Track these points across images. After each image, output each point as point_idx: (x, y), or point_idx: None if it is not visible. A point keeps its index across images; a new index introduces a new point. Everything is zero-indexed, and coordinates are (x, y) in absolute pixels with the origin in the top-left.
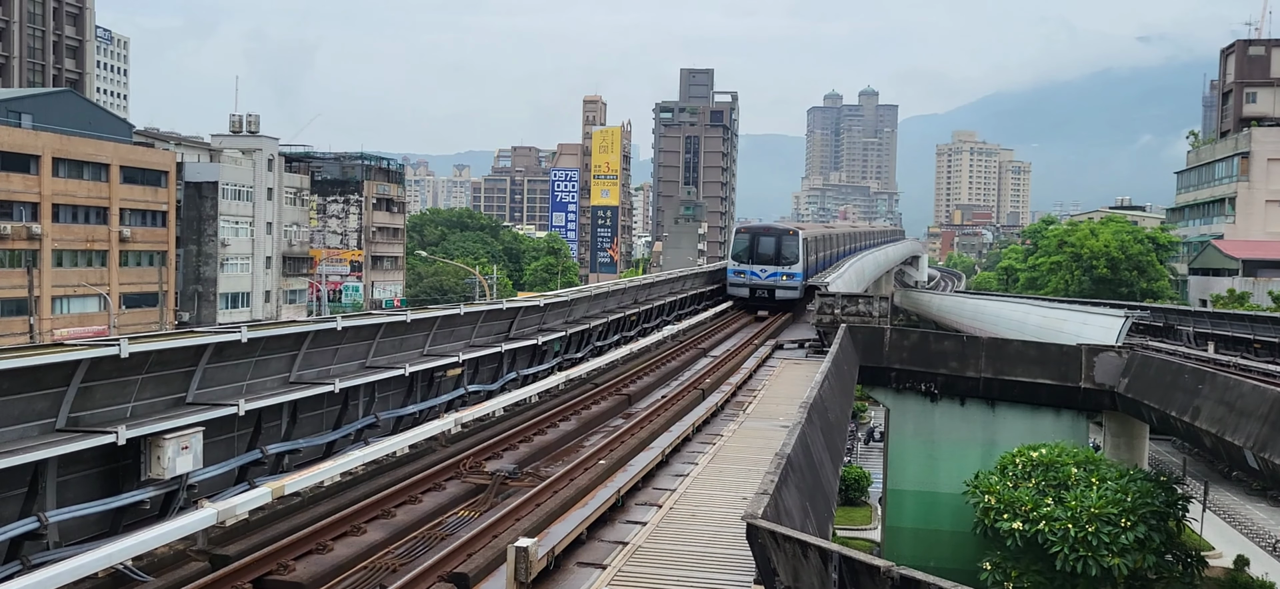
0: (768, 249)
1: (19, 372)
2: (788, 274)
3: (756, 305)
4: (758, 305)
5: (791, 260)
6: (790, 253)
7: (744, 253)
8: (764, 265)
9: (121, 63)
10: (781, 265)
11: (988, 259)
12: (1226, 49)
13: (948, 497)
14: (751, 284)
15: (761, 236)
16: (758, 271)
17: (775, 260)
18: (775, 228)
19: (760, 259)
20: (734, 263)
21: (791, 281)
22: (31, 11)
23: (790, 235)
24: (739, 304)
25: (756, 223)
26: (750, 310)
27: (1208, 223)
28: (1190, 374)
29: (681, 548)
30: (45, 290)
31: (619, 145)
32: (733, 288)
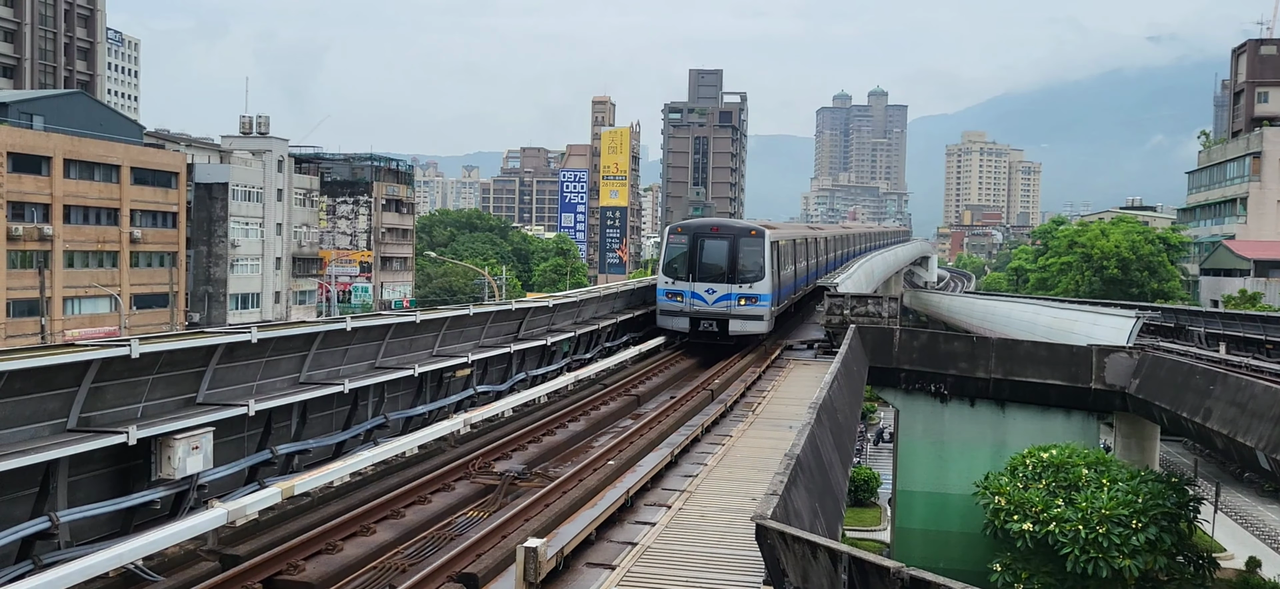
0: (716, 258)
1: (30, 372)
2: (747, 296)
3: (701, 342)
4: (703, 342)
5: (752, 275)
6: (751, 264)
7: (681, 263)
8: (711, 282)
9: (132, 64)
10: (738, 282)
11: (997, 259)
12: (1238, 48)
13: (957, 498)
14: (693, 311)
15: (706, 239)
16: (701, 293)
17: (728, 275)
18: (728, 226)
19: (705, 273)
20: (666, 279)
21: (754, 307)
22: (43, 14)
23: (751, 238)
24: (674, 340)
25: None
26: (699, 350)
27: (1219, 223)
28: (1202, 375)
29: (691, 549)
30: (56, 291)
31: (628, 146)
32: (665, 316)
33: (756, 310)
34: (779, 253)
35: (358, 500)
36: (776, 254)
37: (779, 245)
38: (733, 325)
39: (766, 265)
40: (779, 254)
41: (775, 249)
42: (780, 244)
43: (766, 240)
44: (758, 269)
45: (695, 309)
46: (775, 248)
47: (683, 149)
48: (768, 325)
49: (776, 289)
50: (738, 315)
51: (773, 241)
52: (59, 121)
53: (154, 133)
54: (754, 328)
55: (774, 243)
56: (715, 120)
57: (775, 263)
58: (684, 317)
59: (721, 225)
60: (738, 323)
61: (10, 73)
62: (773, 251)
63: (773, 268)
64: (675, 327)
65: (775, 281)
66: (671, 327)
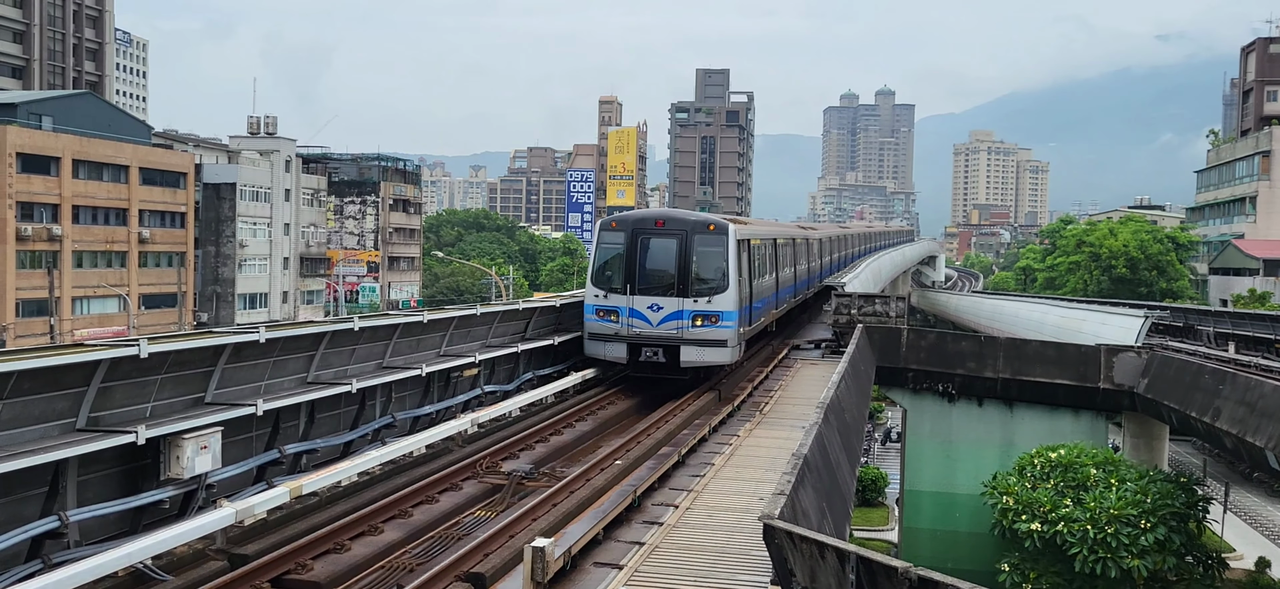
0: (662, 262)
1: (40, 372)
2: (705, 314)
3: (645, 377)
4: (647, 376)
5: (712, 284)
6: (709, 269)
7: (616, 270)
8: (656, 295)
9: (140, 65)
10: (691, 295)
11: (1005, 259)
12: (1247, 47)
13: (965, 497)
14: (631, 335)
15: (648, 237)
16: (643, 310)
17: (679, 286)
18: (678, 219)
19: (648, 283)
20: (597, 291)
21: (713, 329)
22: (51, 14)
23: (709, 235)
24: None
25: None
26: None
27: (1228, 222)
28: (1211, 374)
29: (698, 548)
30: (65, 291)
31: (635, 146)
32: (595, 341)
33: (717, 333)
34: (750, 255)
35: (366, 500)
36: (746, 257)
37: (750, 246)
38: (686, 353)
39: (731, 271)
40: (750, 257)
41: (744, 250)
42: (752, 244)
43: (731, 238)
44: (719, 276)
45: (635, 332)
46: (744, 249)
47: (690, 148)
48: (733, 353)
49: (746, 304)
50: (692, 340)
51: (740, 240)
52: (68, 122)
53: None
54: (714, 356)
55: (742, 242)
56: (722, 120)
57: (744, 268)
58: (620, 342)
59: (669, 218)
60: (692, 350)
61: (19, 74)
62: (740, 253)
63: (740, 275)
64: (609, 355)
65: (744, 293)
66: (603, 355)
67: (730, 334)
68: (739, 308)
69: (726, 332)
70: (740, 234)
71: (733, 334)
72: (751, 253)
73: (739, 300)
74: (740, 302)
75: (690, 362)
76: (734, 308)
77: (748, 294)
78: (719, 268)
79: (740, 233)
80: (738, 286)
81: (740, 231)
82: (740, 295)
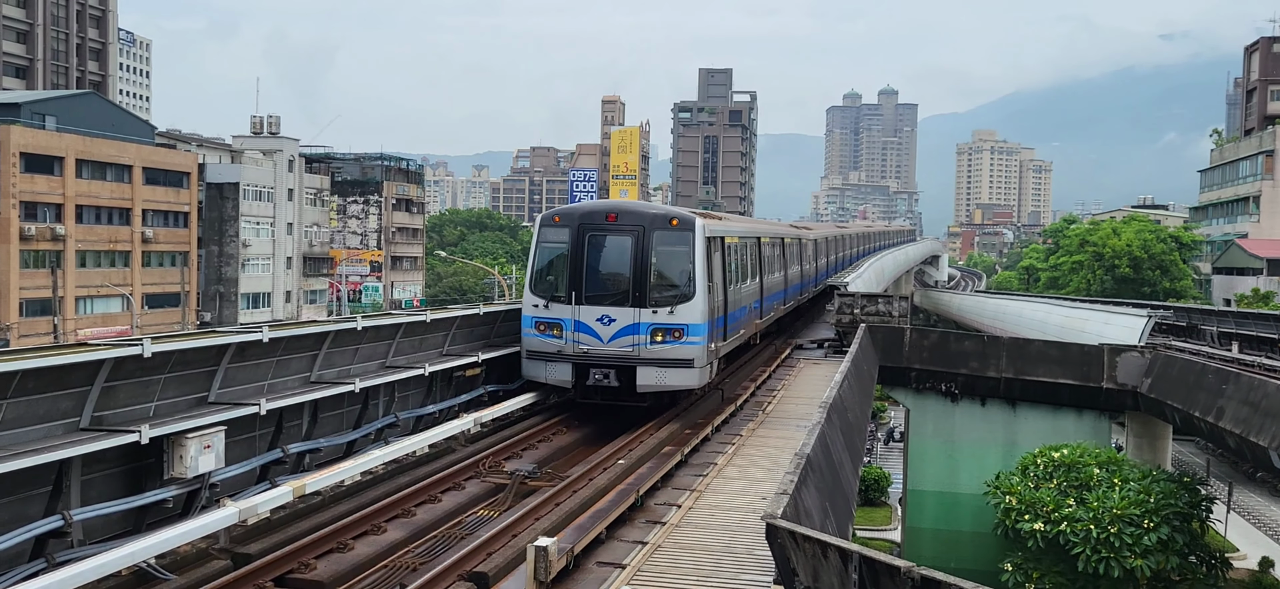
0: (614, 264)
1: (44, 371)
2: (666, 329)
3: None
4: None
5: (675, 291)
6: (672, 273)
7: (559, 274)
8: (606, 305)
9: (144, 65)
10: (650, 304)
11: (1008, 258)
12: (1250, 46)
13: (968, 497)
14: (578, 354)
15: (597, 234)
16: (591, 323)
17: (634, 293)
18: (634, 213)
19: (597, 290)
20: (536, 300)
21: (677, 345)
22: (55, 14)
23: (671, 231)
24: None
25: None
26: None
27: (1232, 221)
28: (1214, 374)
29: (701, 548)
30: (69, 291)
31: (637, 145)
32: (534, 361)
33: (681, 350)
34: (725, 257)
35: (368, 499)
36: (719, 258)
37: (725, 246)
38: (643, 376)
39: (697, 275)
40: (725, 258)
41: (716, 250)
42: (728, 244)
43: (697, 235)
44: (683, 281)
45: (581, 350)
46: (716, 249)
47: (692, 148)
48: (702, 374)
49: (718, 314)
50: (651, 359)
51: (711, 237)
52: (71, 122)
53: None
54: (677, 379)
55: (713, 240)
56: (725, 119)
57: (716, 271)
58: (564, 362)
59: (622, 211)
60: (651, 372)
61: (23, 73)
62: (711, 254)
63: (710, 280)
64: (550, 378)
65: (716, 301)
66: (544, 377)
67: (697, 351)
68: (709, 319)
69: (692, 348)
70: (711, 231)
71: (700, 351)
72: (727, 254)
73: (709, 310)
74: (711, 312)
75: (649, 385)
76: (702, 319)
77: (721, 302)
78: (684, 271)
79: (711, 229)
80: (707, 294)
81: (711, 228)
82: (711, 304)
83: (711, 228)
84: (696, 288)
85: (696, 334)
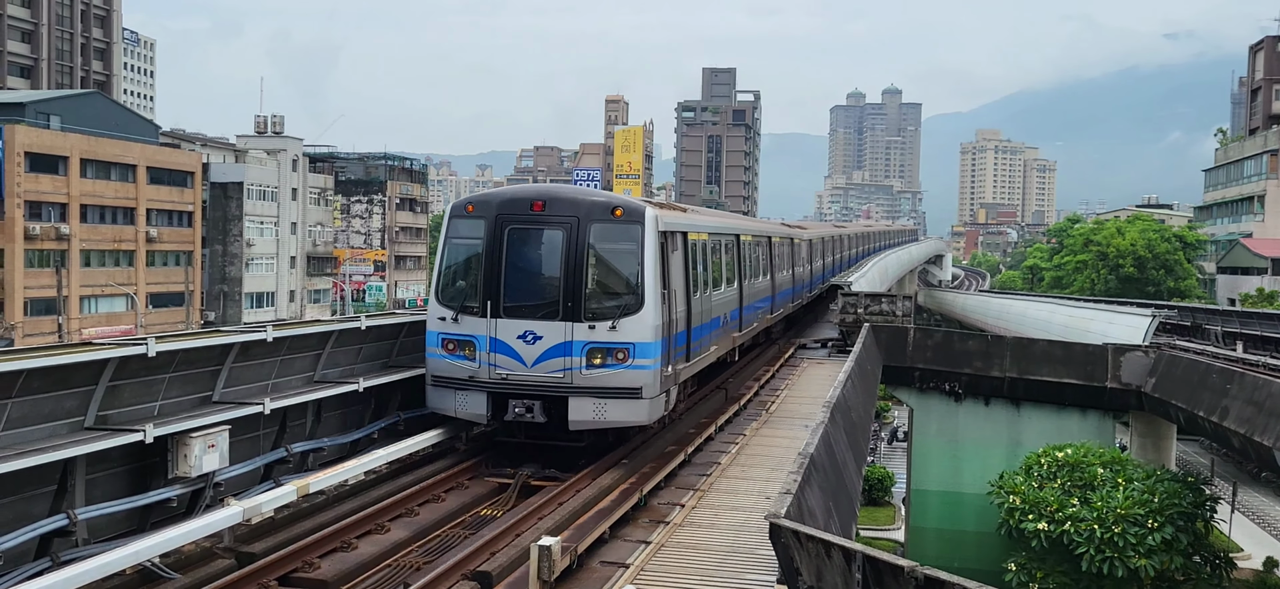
0: (539, 265)
1: (48, 370)
2: (606, 348)
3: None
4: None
5: (620, 301)
6: (616, 276)
7: (472, 278)
8: (530, 318)
9: (148, 65)
10: (585, 316)
11: (1012, 258)
12: (1255, 45)
13: (972, 497)
14: (495, 380)
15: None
16: (510, 341)
17: (566, 303)
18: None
19: (518, 299)
20: (445, 312)
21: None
22: (59, 14)
23: (614, 222)
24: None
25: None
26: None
27: (1236, 221)
28: (1218, 373)
29: (704, 547)
30: (73, 290)
31: (641, 144)
32: (440, 388)
33: (626, 376)
34: (689, 258)
35: (372, 498)
36: (681, 259)
37: (688, 244)
38: (577, 408)
39: (648, 280)
40: (689, 260)
41: (676, 249)
42: (692, 242)
43: (648, 230)
44: (629, 288)
45: (499, 374)
46: (676, 247)
47: (696, 147)
48: (656, 407)
49: (679, 328)
50: (587, 387)
51: (667, 232)
52: (76, 121)
53: (170, 132)
54: (621, 412)
55: (670, 235)
56: (729, 118)
57: (676, 276)
58: (477, 391)
59: (552, 198)
60: (587, 404)
61: (27, 73)
62: (667, 253)
63: (666, 286)
64: (462, 410)
65: (674, 313)
66: (454, 409)
67: (646, 377)
68: (664, 336)
69: (640, 373)
70: (668, 224)
71: (651, 377)
72: (693, 254)
73: (665, 324)
74: (667, 326)
75: (583, 421)
76: (653, 336)
77: (682, 314)
78: (630, 275)
79: (668, 222)
80: (661, 303)
81: (668, 220)
82: (667, 316)
83: (669, 220)
84: (646, 296)
85: (646, 355)
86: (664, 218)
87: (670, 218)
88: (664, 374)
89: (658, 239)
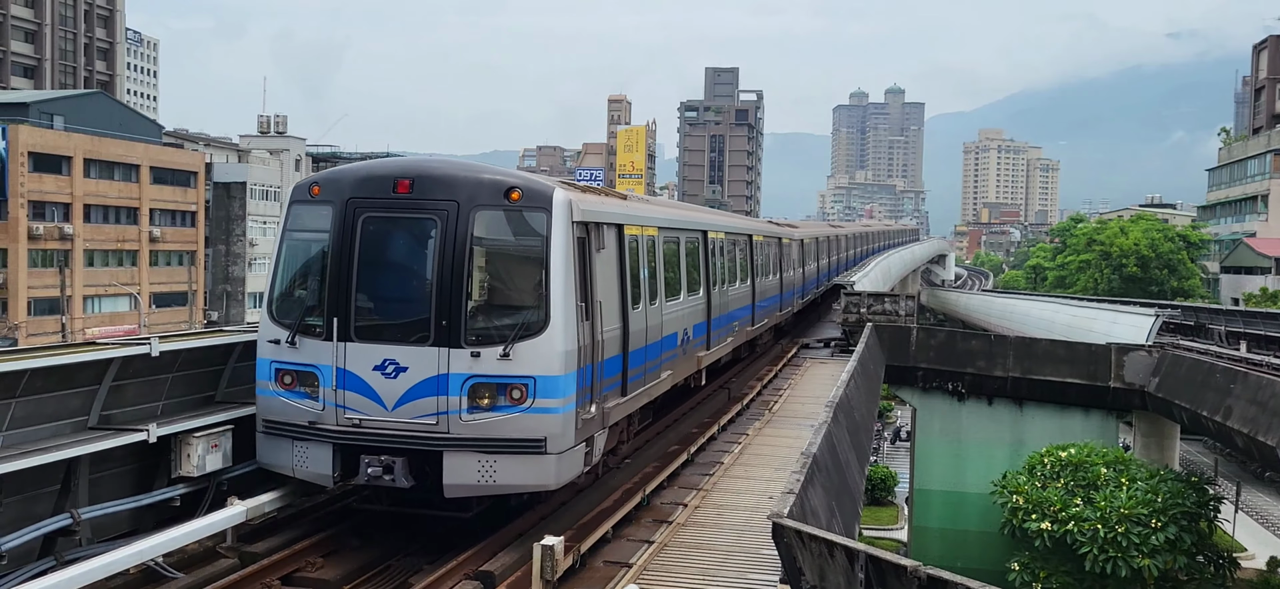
0: (404, 269)
1: (52, 370)
2: (496, 384)
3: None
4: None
5: (516, 318)
6: (514, 284)
7: (312, 286)
8: (392, 342)
9: (151, 64)
10: (465, 341)
11: (1016, 258)
12: (1259, 44)
13: (975, 497)
14: (344, 427)
15: (389, 221)
16: (364, 374)
17: (439, 323)
18: (442, 179)
19: (374, 318)
20: (278, 332)
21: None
22: (62, 14)
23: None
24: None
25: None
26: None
27: (1240, 220)
28: (1222, 373)
29: (707, 547)
30: (77, 290)
31: (644, 144)
32: (271, 433)
33: (526, 422)
34: (621, 257)
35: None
36: (611, 258)
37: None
38: (455, 469)
39: (557, 290)
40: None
41: (600, 246)
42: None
43: (557, 220)
44: (531, 298)
45: (350, 420)
46: (601, 242)
47: (699, 147)
48: (569, 464)
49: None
50: (469, 439)
51: (588, 223)
52: (79, 121)
53: (173, 132)
54: (522, 474)
55: (595, 229)
56: (731, 118)
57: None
58: (320, 442)
59: (422, 176)
60: (468, 463)
61: (31, 73)
62: (586, 250)
63: (587, 298)
64: (302, 467)
65: (598, 335)
66: (289, 466)
67: (554, 423)
68: (583, 364)
69: (546, 418)
70: (589, 212)
71: (561, 422)
72: (630, 254)
73: (584, 349)
74: (589, 351)
75: (464, 485)
76: (564, 366)
77: (614, 334)
78: (532, 281)
79: (589, 210)
80: (578, 320)
81: (589, 208)
82: (589, 337)
83: (591, 208)
84: (554, 310)
85: (553, 392)
86: (583, 204)
87: (593, 205)
88: (582, 417)
89: (572, 233)
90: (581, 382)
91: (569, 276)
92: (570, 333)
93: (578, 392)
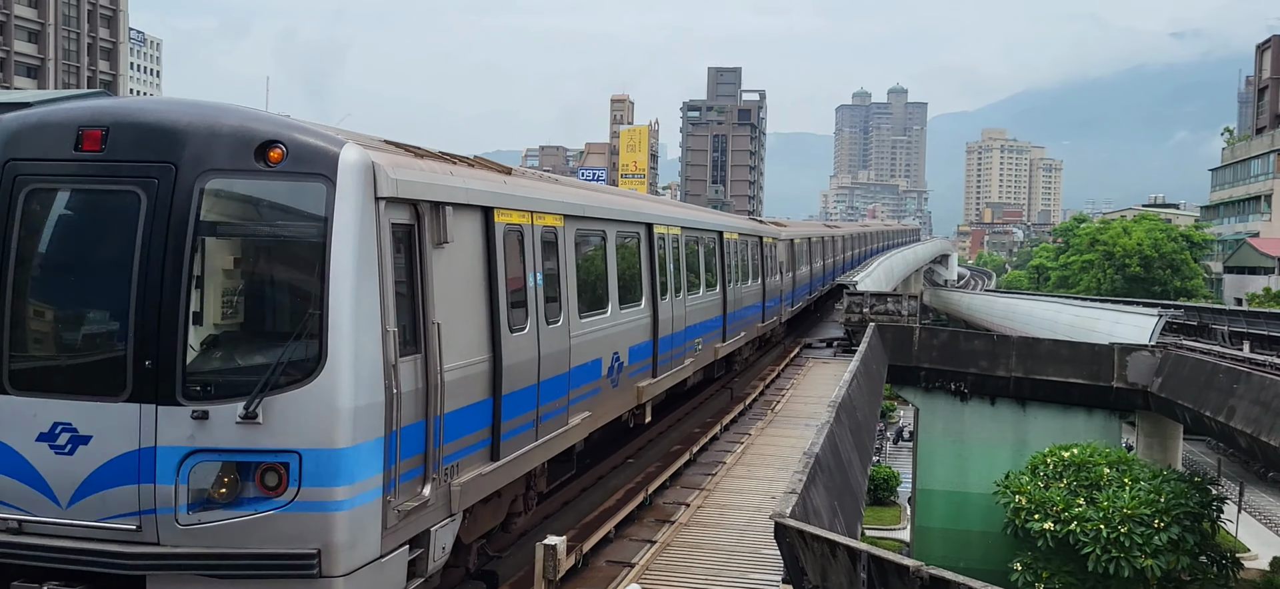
0: (86, 266)
1: None
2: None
3: None
4: None
5: (281, 352)
6: (276, 297)
7: None
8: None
9: (154, 64)
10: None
11: (1018, 257)
12: (1262, 44)
13: (978, 497)
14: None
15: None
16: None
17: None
18: (156, 125)
19: (39, 358)
20: None
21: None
22: (66, 14)
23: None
24: None
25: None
26: None
27: (1243, 220)
28: (1225, 374)
29: (710, 546)
30: None
31: (646, 144)
32: None
33: (293, 526)
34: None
35: None
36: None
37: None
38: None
39: (342, 302)
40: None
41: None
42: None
43: (345, 188)
44: (295, 323)
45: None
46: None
47: (701, 147)
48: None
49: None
50: (192, 556)
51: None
52: None
53: None
54: None
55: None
56: (734, 118)
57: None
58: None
59: (120, 120)
60: None
61: (34, 73)
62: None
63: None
64: None
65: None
66: None
67: (341, 525)
68: (405, 424)
69: (327, 517)
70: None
71: (356, 523)
72: (499, 252)
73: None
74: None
75: None
76: (354, 431)
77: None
78: (297, 295)
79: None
80: (379, 356)
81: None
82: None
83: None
84: (337, 341)
85: (336, 474)
86: (401, 173)
87: (424, 176)
88: (398, 506)
89: (377, 215)
90: (400, 450)
91: (370, 285)
92: (367, 375)
93: (387, 469)
